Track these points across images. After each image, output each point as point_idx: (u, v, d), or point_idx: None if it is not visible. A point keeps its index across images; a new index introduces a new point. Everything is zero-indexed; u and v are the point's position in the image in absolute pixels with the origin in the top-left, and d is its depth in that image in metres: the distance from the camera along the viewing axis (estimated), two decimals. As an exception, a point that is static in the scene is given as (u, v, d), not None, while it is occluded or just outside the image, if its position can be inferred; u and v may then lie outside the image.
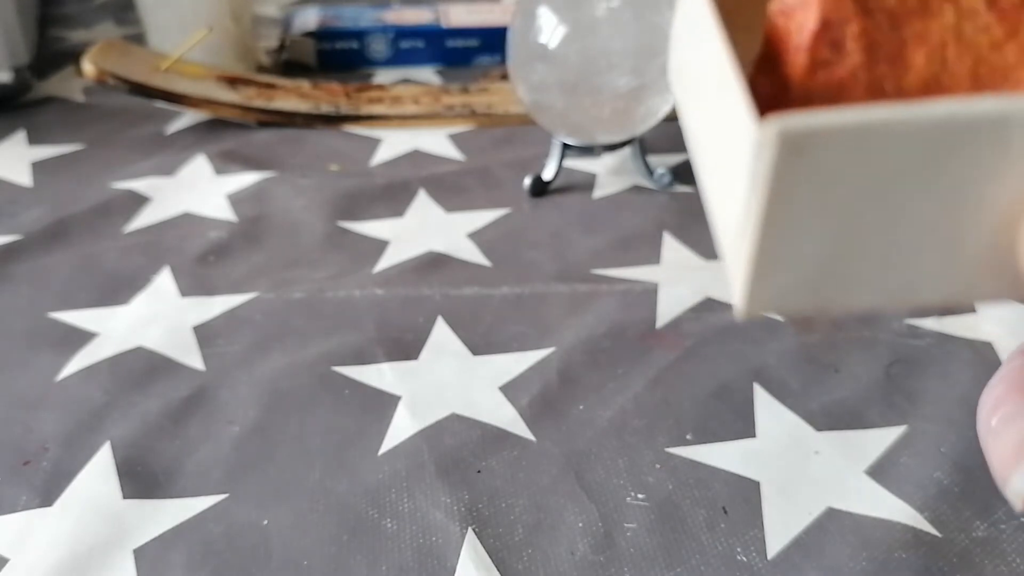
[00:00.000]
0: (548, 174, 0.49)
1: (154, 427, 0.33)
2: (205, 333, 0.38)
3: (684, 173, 0.50)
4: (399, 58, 0.68)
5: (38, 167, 0.52)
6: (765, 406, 0.34)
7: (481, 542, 0.28)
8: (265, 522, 0.29)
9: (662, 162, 0.52)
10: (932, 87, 0.12)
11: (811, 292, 0.11)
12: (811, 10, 0.12)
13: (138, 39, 0.67)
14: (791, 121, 0.10)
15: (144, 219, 0.47)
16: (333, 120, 0.58)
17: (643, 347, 0.37)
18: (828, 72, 0.12)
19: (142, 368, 0.36)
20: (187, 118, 0.58)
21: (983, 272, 0.11)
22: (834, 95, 0.12)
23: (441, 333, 0.38)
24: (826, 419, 0.33)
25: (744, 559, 0.28)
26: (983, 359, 0.36)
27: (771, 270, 0.11)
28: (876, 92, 0.12)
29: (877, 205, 0.11)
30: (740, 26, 0.14)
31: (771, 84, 0.12)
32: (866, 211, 0.11)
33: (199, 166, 0.52)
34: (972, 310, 0.38)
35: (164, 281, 0.42)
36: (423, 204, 0.49)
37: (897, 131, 0.10)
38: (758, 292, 0.12)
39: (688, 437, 0.32)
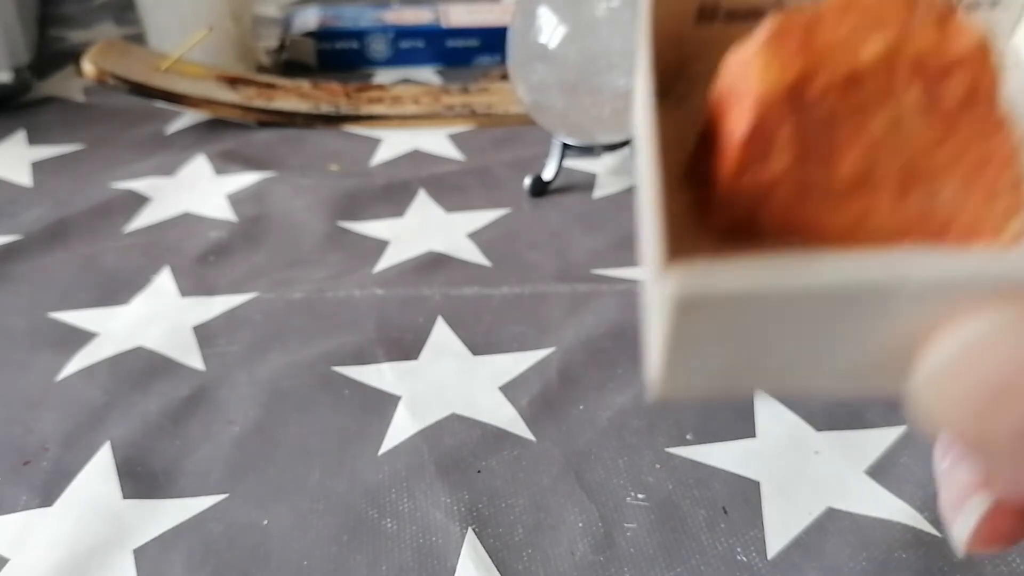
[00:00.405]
0: (548, 174, 0.49)
1: (154, 427, 0.33)
2: (205, 333, 0.38)
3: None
4: (399, 58, 0.68)
5: (38, 167, 0.52)
6: (765, 406, 0.34)
7: (481, 542, 0.28)
8: (265, 522, 0.29)
9: (662, 162, 0.52)
10: (859, 187, 0.12)
11: (718, 387, 0.12)
12: (745, 109, 0.11)
13: (138, 39, 0.67)
14: (685, 282, 0.10)
15: (144, 219, 0.47)
16: (333, 120, 0.58)
17: (643, 347, 0.37)
18: (757, 173, 0.12)
19: (142, 368, 0.36)
20: (187, 118, 0.58)
21: (880, 384, 0.12)
22: (761, 196, 0.12)
23: (441, 333, 0.38)
24: (826, 419, 0.33)
25: (744, 559, 0.28)
26: (983, 359, 0.36)
27: (679, 374, 0.12)
28: (803, 191, 0.12)
29: (773, 342, 0.11)
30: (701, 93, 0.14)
31: (704, 174, 0.12)
32: (763, 345, 0.11)
33: (199, 166, 0.52)
34: None
35: (164, 281, 0.42)
36: (423, 204, 0.49)
37: (783, 295, 0.11)
38: (668, 387, 0.12)
39: (688, 437, 0.32)
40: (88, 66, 0.53)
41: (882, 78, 0.11)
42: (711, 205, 0.12)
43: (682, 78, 0.14)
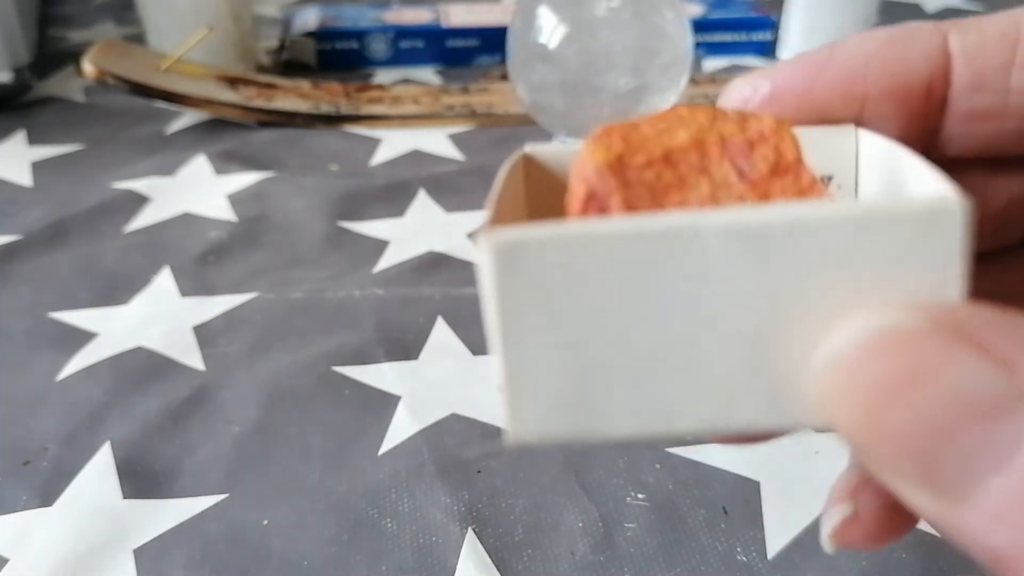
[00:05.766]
0: (548, 174, 0.49)
1: (154, 427, 0.33)
2: (205, 333, 0.38)
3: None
4: (399, 58, 0.68)
5: (38, 167, 0.52)
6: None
7: (481, 542, 0.28)
8: (265, 522, 0.29)
9: (662, 162, 0.52)
10: None
11: (569, 419, 0.12)
12: (580, 182, 0.13)
13: (138, 39, 0.67)
14: (505, 232, 0.11)
15: (144, 219, 0.47)
16: (333, 120, 0.58)
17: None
18: None
19: (142, 368, 0.36)
20: (187, 118, 0.58)
21: (747, 396, 0.11)
22: None
23: (441, 333, 0.38)
24: (826, 419, 0.33)
25: (744, 559, 0.28)
26: (983, 359, 0.36)
27: (525, 393, 0.12)
28: None
29: (606, 318, 0.11)
30: None
31: None
32: (598, 325, 0.11)
33: (199, 166, 0.52)
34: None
35: (164, 281, 0.42)
36: (423, 204, 0.49)
37: (605, 243, 0.11)
38: (520, 419, 0.12)
39: (688, 436, 0.32)
40: (88, 66, 0.54)
41: (694, 156, 0.13)
42: None
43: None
